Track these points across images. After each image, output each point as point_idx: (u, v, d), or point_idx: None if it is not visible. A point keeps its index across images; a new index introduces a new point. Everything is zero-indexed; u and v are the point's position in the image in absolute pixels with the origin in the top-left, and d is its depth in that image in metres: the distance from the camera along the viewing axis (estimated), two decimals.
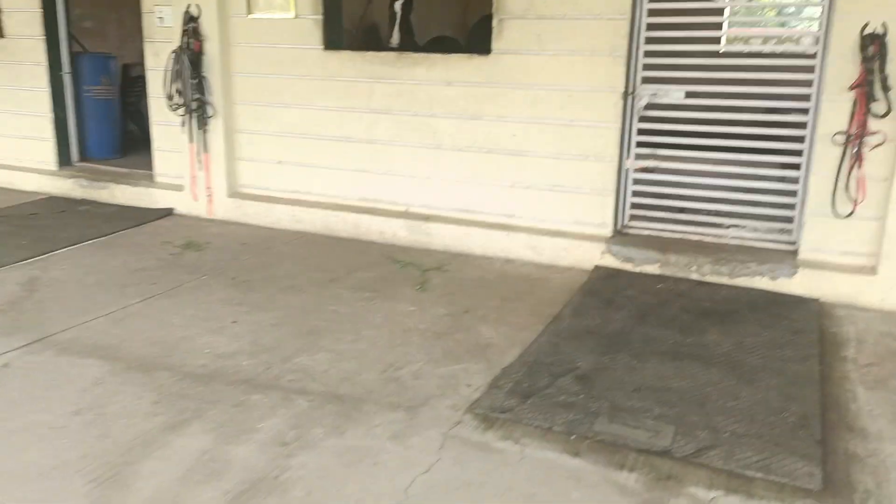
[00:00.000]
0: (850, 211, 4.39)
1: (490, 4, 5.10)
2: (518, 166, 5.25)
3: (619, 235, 5.15)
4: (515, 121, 5.17)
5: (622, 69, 4.81)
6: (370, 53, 5.53)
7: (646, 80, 4.94)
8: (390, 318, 4.14)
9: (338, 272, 4.93)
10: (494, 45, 5.11)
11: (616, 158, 4.98)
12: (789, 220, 4.83)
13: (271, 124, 6.00)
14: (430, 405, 3.18)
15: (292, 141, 5.96)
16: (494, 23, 5.08)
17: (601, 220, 5.10)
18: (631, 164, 5.06)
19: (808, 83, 4.55)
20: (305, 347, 3.74)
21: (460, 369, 3.53)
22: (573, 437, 2.96)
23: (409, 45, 6.21)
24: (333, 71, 5.65)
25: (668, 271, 4.85)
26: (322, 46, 5.65)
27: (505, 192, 5.34)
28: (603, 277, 4.86)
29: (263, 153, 6.10)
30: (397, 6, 6.04)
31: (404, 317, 4.16)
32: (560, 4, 4.86)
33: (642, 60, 4.90)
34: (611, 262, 5.00)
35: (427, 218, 5.55)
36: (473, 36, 7.27)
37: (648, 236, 5.14)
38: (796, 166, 4.71)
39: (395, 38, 5.79)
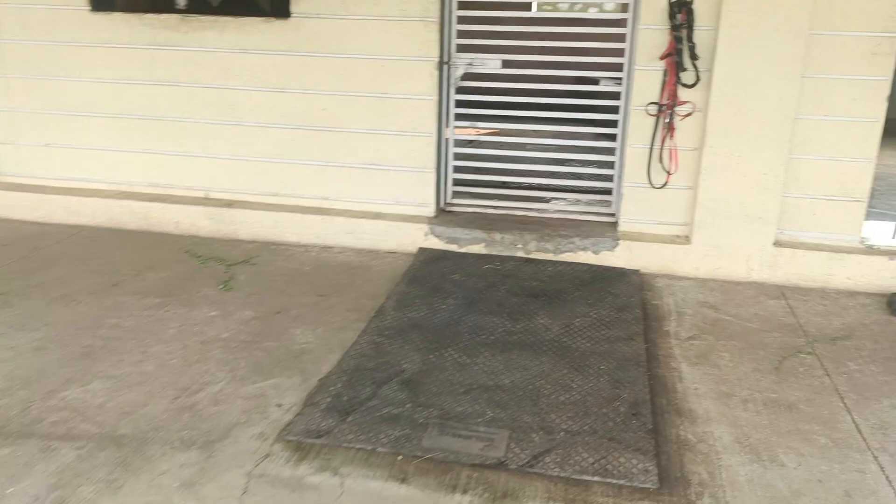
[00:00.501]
0: (663, 182, 4.39)
1: None
2: (331, 143, 4.78)
3: (443, 214, 4.86)
4: (325, 93, 4.68)
5: (436, 36, 4.46)
6: (148, 15, 4.76)
7: (461, 49, 4.64)
8: (186, 328, 3.56)
9: (122, 274, 4.22)
10: (294, 6, 4.56)
11: (435, 133, 4.66)
12: (608, 192, 4.78)
13: (33, 99, 5.05)
14: (233, 437, 2.70)
15: (61, 119, 5.05)
16: None
17: (423, 199, 4.78)
18: (451, 132, 4.76)
19: (621, 52, 4.47)
20: (76, 376, 3.09)
21: (270, 386, 3.07)
22: (400, 459, 2.62)
23: (200, 5, 5.46)
24: (105, 36, 4.82)
25: (494, 250, 4.64)
26: (88, 7, 4.78)
27: (318, 172, 4.85)
28: (428, 261, 4.56)
29: (26, 134, 5.13)
30: None
31: (203, 325, 3.60)
32: None
33: (456, 27, 4.59)
34: (435, 243, 4.71)
35: (230, 204, 4.94)
36: None
37: (473, 214, 4.90)
38: (612, 137, 4.65)
39: (182, 0, 5.05)
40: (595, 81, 4.59)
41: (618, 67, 4.51)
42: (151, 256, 4.54)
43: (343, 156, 4.78)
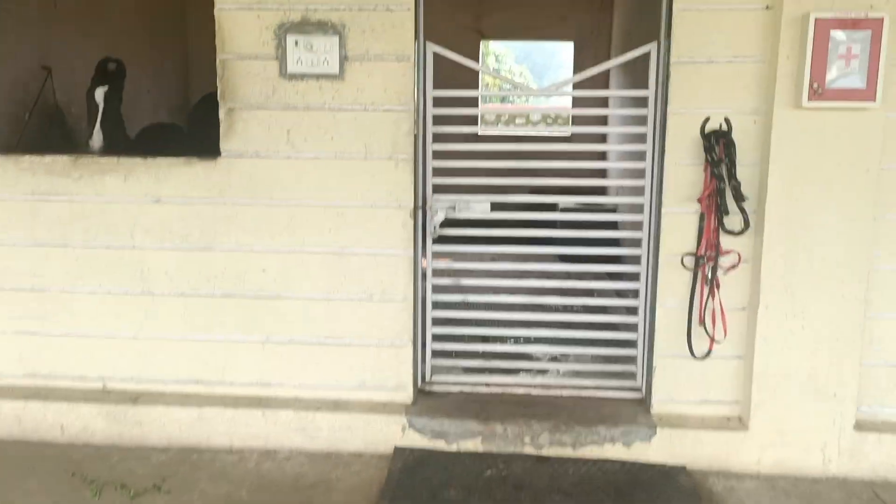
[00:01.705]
0: (707, 350, 3.45)
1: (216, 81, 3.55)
2: (273, 314, 3.66)
3: (424, 398, 3.76)
4: (265, 250, 3.61)
5: (409, 177, 3.51)
6: (27, 158, 3.63)
7: (440, 189, 3.70)
8: None
9: None
10: (225, 144, 3.54)
11: (410, 296, 3.62)
12: (631, 360, 3.81)
13: None
14: None
15: None
16: (222, 114, 3.52)
17: (397, 380, 3.68)
18: (429, 293, 3.74)
19: (639, 191, 3.62)
20: None
21: None
22: None
23: (118, 144, 4.38)
24: None
25: (494, 446, 3.54)
26: None
27: (256, 351, 3.70)
28: (408, 469, 3.40)
29: None
30: (99, 96, 4.19)
31: None
32: (317, 91, 3.46)
33: (432, 163, 3.66)
34: (416, 440, 3.58)
35: (136, 398, 3.70)
36: (195, 125, 5.58)
37: (461, 395, 3.81)
38: (634, 293, 3.73)
39: (97, 140, 3.96)
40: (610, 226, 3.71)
41: (636, 209, 3.65)
42: (19, 488, 3.21)
43: (290, 328, 3.67)
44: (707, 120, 3.30)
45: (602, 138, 7.59)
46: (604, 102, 8.39)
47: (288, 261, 3.61)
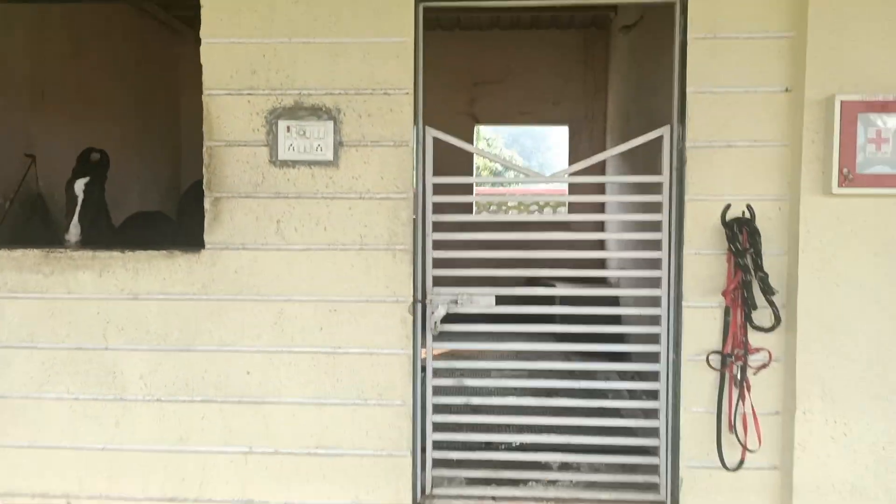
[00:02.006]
0: (738, 460, 3.11)
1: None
2: (258, 421, 3.32)
3: None
4: (250, 350, 3.30)
5: (408, 269, 3.24)
6: None
7: (441, 282, 3.43)
8: None
9: None
10: (210, 235, 3.29)
11: (409, 400, 3.29)
12: (653, 469, 3.45)
13: None
14: None
15: None
16: (208, 204, 3.28)
17: (394, 495, 3.30)
18: (430, 396, 3.40)
19: (656, 282, 3.36)
20: None
21: None
22: None
23: (99, 236, 4.13)
24: None
25: None
26: None
27: (238, 463, 3.33)
28: None
29: None
30: (79, 188, 3.97)
31: None
32: (310, 178, 3.24)
33: (432, 254, 3.41)
34: None
35: None
36: (184, 213, 5.35)
37: None
38: (653, 394, 3.41)
39: (74, 234, 3.71)
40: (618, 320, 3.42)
41: (653, 301, 3.38)
42: None
43: (276, 438, 3.31)
44: (728, 207, 3.08)
45: (601, 225, 7.45)
46: (600, 188, 8.34)
47: (275, 362, 3.30)
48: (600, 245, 7.60)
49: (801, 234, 2.96)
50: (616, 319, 3.84)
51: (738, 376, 3.09)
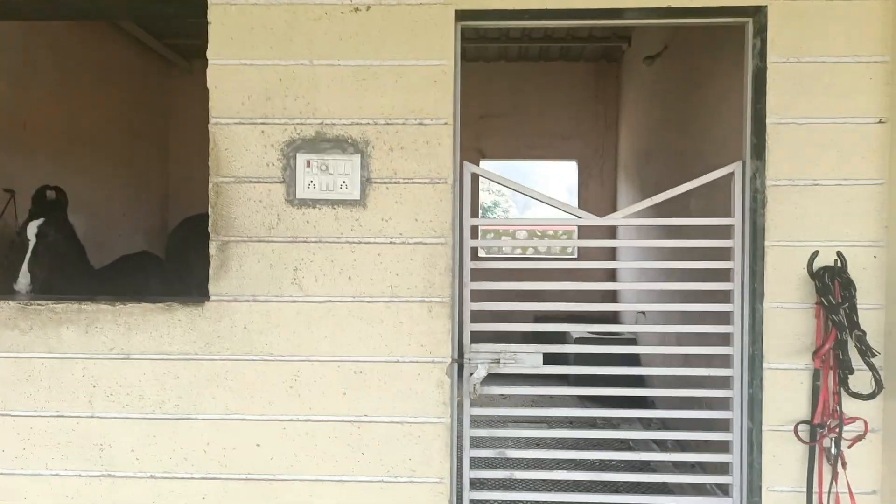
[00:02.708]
0: None
1: (204, 200, 2.89)
2: (269, 501, 2.84)
3: None
4: (261, 419, 2.84)
5: (446, 324, 2.81)
6: None
7: (480, 338, 3.00)
8: None
9: None
10: (216, 286, 2.84)
11: (447, 476, 2.83)
12: None
13: None
14: None
15: None
16: (213, 249, 2.84)
17: None
18: (467, 471, 2.94)
19: (726, 339, 2.95)
20: None
21: None
22: None
23: (73, 282, 3.68)
24: None
25: None
26: None
27: None
28: None
29: None
30: (31, 231, 3.55)
31: None
32: (332, 220, 2.82)
33: (470, 306, 2.98)
34: None
35: None
36: (173, 253, 4.88)
37: None
38: (710, 468, 2.97)
39: (23, 283, 3.27)
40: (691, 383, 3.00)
41: (719, 361, 2.96)
42: None
43: None
44: (815, 254, 2.69)
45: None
46: (613, 233, 7.97)
47: (290, 432, 2.83)
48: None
49: None
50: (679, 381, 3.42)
51: (832, 450, 2.66)
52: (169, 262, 4.79)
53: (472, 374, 2.95)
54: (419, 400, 2.81)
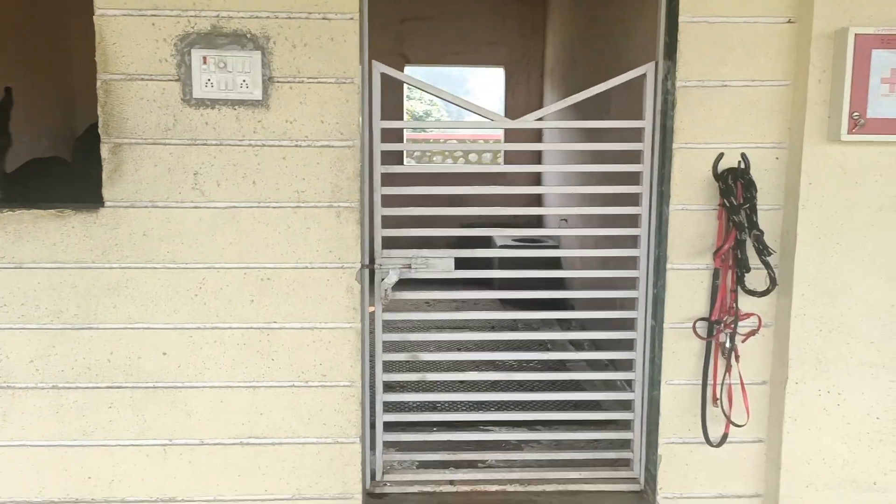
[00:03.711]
0: (722, 434, 2.84)
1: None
2: (178, 409, 2.81)
3: (374, 502, 2.99)
4: (167, 327, 2.77)
5: (355, 229, 2.76)
6: None
7: (391, 244, 2.97)
8: None
9: None
10: (110, 191, 2.70)
11: (358, 379, 2.85)
12: (625, 444, 3.16)
13: None
14: None
15: None
16: (105, 152, 2.68)
17: (342, 486, 2.89)
18: (380, 374, 2.98)
19: (633, 241, 3.01)
20: None
21: None
22: None
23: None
24: None
25: None
26: None
27: (156, 459, 2.84)
28: None
29: None
30: None
31: None
32: (233, 121, 2.68)
33: (381, 212, 2.93)
34: None
35: None
36: (80, 160, 4.62)
37: (422, 497, 3.05)
38: (619, 365, 3.09)
39: None
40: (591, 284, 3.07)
41: (630, 263, 3.03)
42: None
43: (200, 428, 2.83)
44: (721, 156, 2.72)
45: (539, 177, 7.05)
46: (538, 136, 7.94)
47: (196, 340, 2.78)
48: (550, 199, 7.25)
49: (802, 186, 2.64)
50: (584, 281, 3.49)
51: (727, 345, 2.79)
52: (76, 170, 4.53)
53: (383, 279, 2.93)
54: (328, 306, 2.78)
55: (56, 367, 2.78)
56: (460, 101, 2.91)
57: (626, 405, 3.14)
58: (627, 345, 3.07)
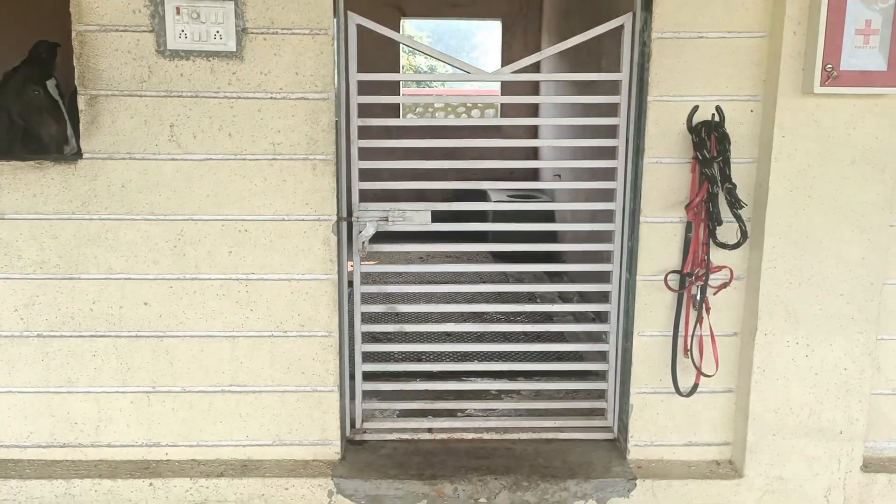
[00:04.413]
0: (693, 385, 2.90)
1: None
2: (161, 357, 2.88)
3: (354, 452, 3.07)
4: (147, 278, 2.83)
5: (331, 182, 2.78)
6: None
7: (368, 197, 2.99)
8: None
9: None
10: (88, 142, 2.72)
11: (335, 329, 2.91)
12: (600, 394, 3.23)
13: None
14: None
15: None
16: (83, 104, 2.70)
17: (320, 433, 2.98)
18: (357, 324, 3.04)
19: (609, 195, 3.02)
20: None
21: None
22: None
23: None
24: None
25: None
26: None
27: (140, 405, 2.92)
28: None
29: None
30: (53, 90, 3.62)
31: None
32: (208, 73, 2.68)
33: (358, 164, 2.95)
34: None
35: None
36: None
37: (399, 444, 3.14)
38: (603, 317, 3.14)
39: (74, 143, 3.30)
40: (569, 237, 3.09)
41: (606, 216, 3.05)
42: None
43: (183, 375, 2.90)
44: (696, 109, 2.72)
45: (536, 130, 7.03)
46: (535, 89, 7.88)
47: (177, 291, 2.84)
48: (546, 153, 7.23)
49: (776, 139, 2.64)
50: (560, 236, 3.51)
51: (698, 297, 2.83)
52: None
53: (360, 231, 2.97)
54: (306, 257, 2.82)
55: (41, 315, 2.85)
56: (434, 53, 2.90)
57: (604, 356, 3.20)
58: (603, 298, 3.11)
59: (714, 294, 2.83)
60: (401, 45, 8.36)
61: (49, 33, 3.80)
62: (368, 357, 3.17)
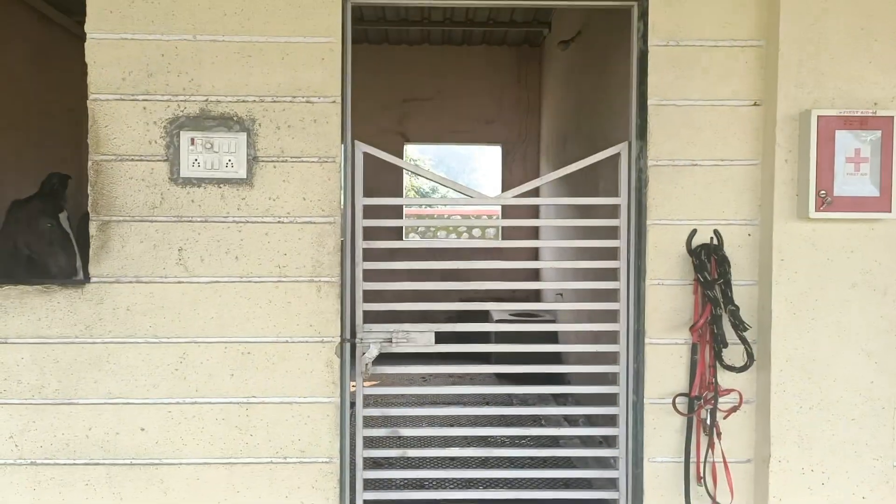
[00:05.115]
0: None
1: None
2: (155, 486, 2.79)
3: None
4: (146, 402, 2.78)
5: (335, 304, 2.80)
6: None
7: (372, 318, 2.99)
8: None
9: None
10: (96, 267, 2.76)
11: (337, 455, 2.83)
12: None
13: None
14: None
15: None
16: (94, 229, 2.76)
17: None
18: (359, 449, 2.95)
19: (613, 316, 3.02)
20: None
21: None
22: None
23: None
24: None
25: None
26: None
27: None
28: None
29: None
30: (65, 223, 3.79)
31: None
32: (218, 199, 2.76)
33: (363, 286, 2.98)
34: None
35: None
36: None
37: None
38: (611, 441, 3.06)
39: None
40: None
41: (610, 337, 3.04)
42: None
43: None
44: (694, 232, 2.78)
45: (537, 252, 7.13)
46: (535, 210, 8.07)
47: (175, 415, 2.78)
48: (547, 274, 7.30)
49: (775, 263, 2.68)
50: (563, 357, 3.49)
51: (708, 421, 2.77)
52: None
53: (364, 353, 2.95)
54: (308, 380, 2.79)
55: (35, 442, 2.78)
56: (438, 179, 3.00)
57: (614, 483, 3.08)
58: (611, 421, 3.04)
59: (724, 418, 2.78)
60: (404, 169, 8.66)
61: (62, 164, 3.98)
62: (370, 484, 3.06)
